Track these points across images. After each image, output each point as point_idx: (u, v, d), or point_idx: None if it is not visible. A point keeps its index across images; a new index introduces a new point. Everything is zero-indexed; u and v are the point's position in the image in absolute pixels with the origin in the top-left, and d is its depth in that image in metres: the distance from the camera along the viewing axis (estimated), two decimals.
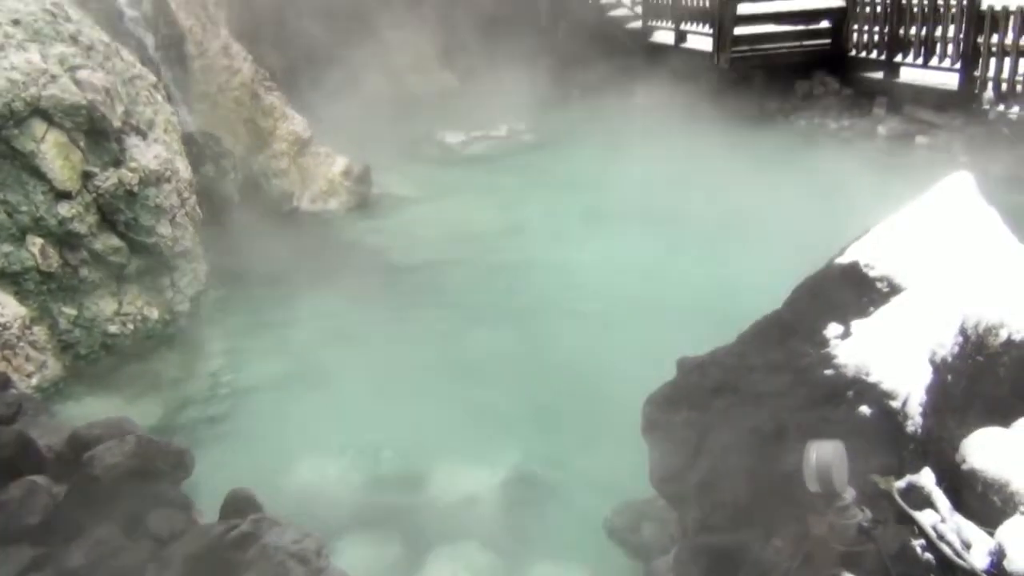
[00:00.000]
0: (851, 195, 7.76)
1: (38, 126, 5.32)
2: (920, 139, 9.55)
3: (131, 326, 5.79)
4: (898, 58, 10.14)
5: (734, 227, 7.57)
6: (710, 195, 8.56)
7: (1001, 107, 8.89)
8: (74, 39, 5.77)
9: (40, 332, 5.30)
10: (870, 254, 3.46)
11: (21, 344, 5.10)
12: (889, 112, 10.13)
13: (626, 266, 6.97)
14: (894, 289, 3.28)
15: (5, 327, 5.06)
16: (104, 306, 5.72)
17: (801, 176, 8.61)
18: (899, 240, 3.44)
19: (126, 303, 5.83)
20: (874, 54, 10.52)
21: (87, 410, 5.05)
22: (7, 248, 5.23)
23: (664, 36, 11.96)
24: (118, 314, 5.76)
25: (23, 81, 5.23)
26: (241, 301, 6.62)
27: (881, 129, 9.98)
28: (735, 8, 10.55)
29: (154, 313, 5.97)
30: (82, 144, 5.54)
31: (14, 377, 5.00)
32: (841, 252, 3.63)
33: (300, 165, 8.83)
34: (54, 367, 5.34)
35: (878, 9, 10.40)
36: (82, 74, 5.57)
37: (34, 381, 5.16)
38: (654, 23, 12.16)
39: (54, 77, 5.38)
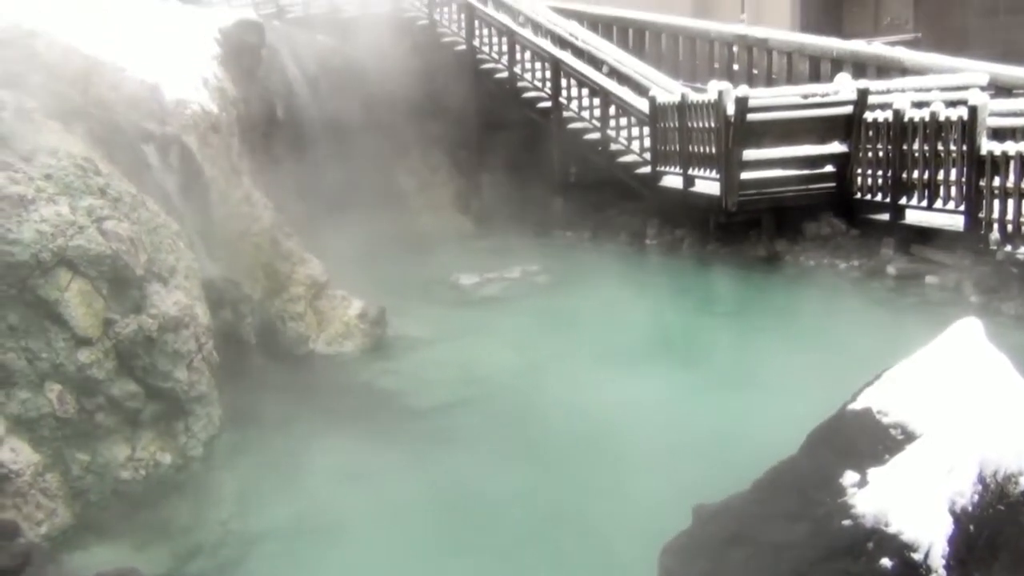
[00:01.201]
0: (863, 336, 7.79)
1: (63, 275, 5.47)
2: (930, 279, 9.63)
3: (143, 472, 5.76)
4: (903, 200, 10.34)
5: (747, 369, 7.58)
6: (722, 337, 8.61)
7: (1008, 248, 8.99)
8: (103, 191, 6.00)
9: (52, 479, 5.28)
10: (883, 401, 3.47)
11: (32, 492, 5.08)
12: (897, 252, 10.27)
13: (639, 408, 6.94)
14: (908, 436, 3.27)
15: (17, 474, 5.05)
16: (117, 451, 5.71)
17: (813, 317, 8.68)
18: (911, 387, 3.45)
19: (139, 448, 5.83)
20: (879, 197, 10.75)
21: (96, 559, 4.98)
22: (25, 395, 5.28)
23: (673, 180, 12.29)
24: (131, 460, 5.75)
25: (51, 233, 5.42)
26: (255, 445, 6.60)
27: (890, 269, 10.09)
28: (741, 154, 10.87)
29: (167, 458, 5.95)
30: (105, 292, 5.68)
31: (23, 525, 4.96)
32: (854, 398, 3.64)
33: (316, 308, 8.97)
34: (64, 515, 5.29)
35: (880, 154, 10.71)
36: (108, 225, 5.76)
37: (43, 529, 5.11)
38: (663, 168, 12.52)
39: (81, 228, 5.57)
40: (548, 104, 14.54)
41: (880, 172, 10.74)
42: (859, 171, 11.06)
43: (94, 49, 8.40)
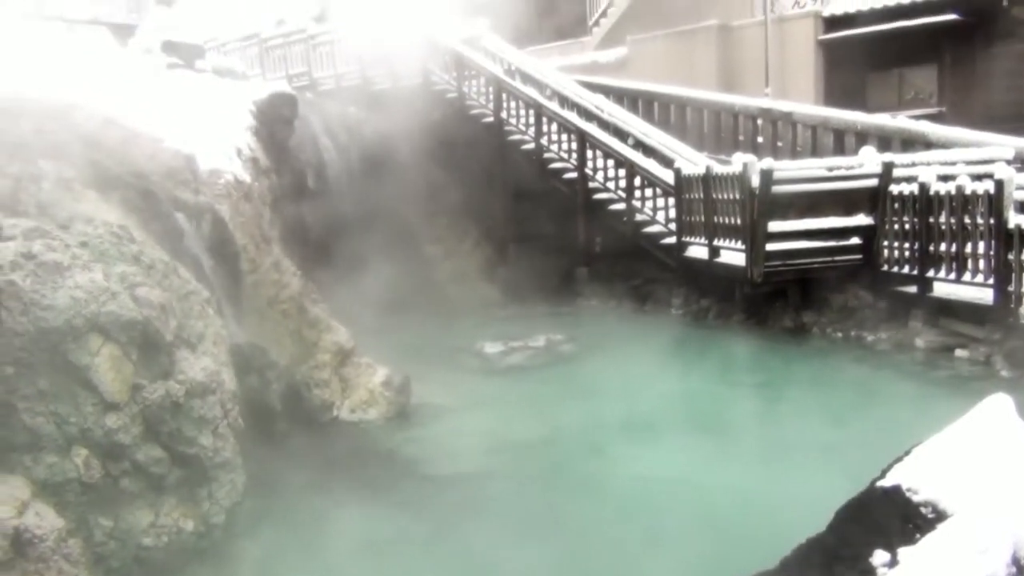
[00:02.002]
0: (892, 410, 7.69)
1: (95, 340, 5.55)
2: (959, 352, 9.53)
3: (165, 538, 5.74)
4: (930, 273, 10.28)
5: (774, 443, 7.48)
6: (749, 408, 8.52)
7: None
8: (136, 259, 6.12)
9: (75, 544, 5.27)
10: (913, 478, 3.41)
11: (55, 557, 5.07)
12: (926, 325, 10.18)
13: (663, 480, 6.87)
14: (939, 515, 3.21)
15: (41, 539, 5.05)
16: (140, 517, 5.70)
17: (841, 390, 8.58)
18: (942, 464, 3.40)
19: (162, 514, 5.82)
20: (906, 269, 10.69)
21: None
22: (52, 459, 5.31)
23: (698, 251, 12.33)
24: (153, 526, 5.73)
25: (85, 299, 5.51)
26: (277, 513, 6.57)
27: (919, 342, 10.00)
28: (766, 226, 10.90)
29: (189, 525, 5.93)
30: (134, 357, 5.74)
31: None
32: (883, 474, 3.59)
33: (342, 375, 9.00)
34: None
35: (906, 227, 10.68)
36: (140, 291, 5.86)
37: None
38: (688, 239, 12.57)
39: (114, 295, 5.67)
40: (574, 175, 14.72)
41: (907, 245, 10.70)
42: (885, 243, 11.03)
43: (133, 120, 8.67)
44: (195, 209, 7.96)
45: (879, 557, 3.19)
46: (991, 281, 9.48)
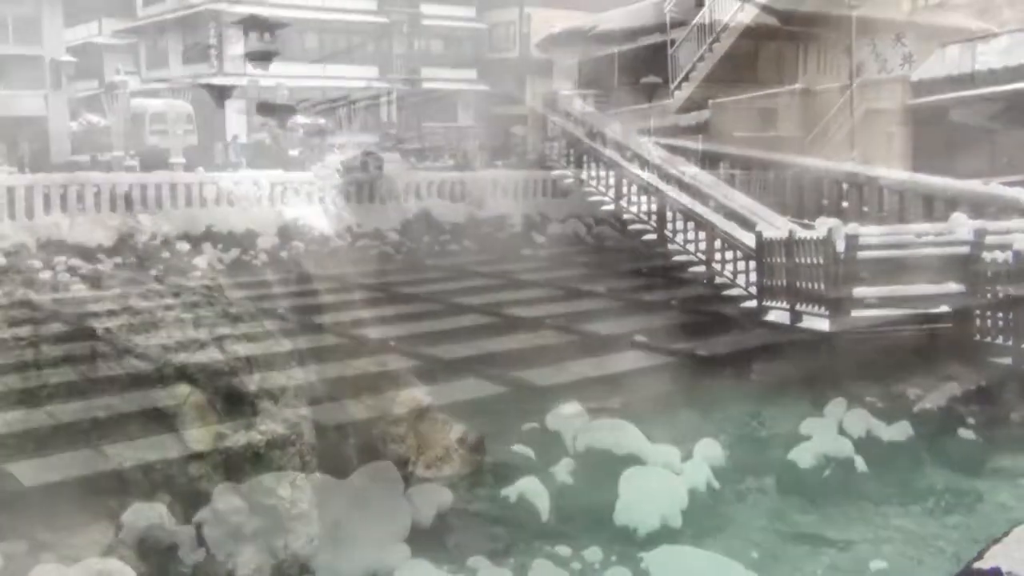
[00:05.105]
0: (987, 487, 7.36)
1: (183, 389, 5.71)
2: None
3: None
4: None
5: (859, 519, 7.20)
6: (833, 482, 8.23)
7: None
8: (225, 311, 6.31)
9: None
10: (1013, 560, 3.24)
11: None
12: (1022, 399, 9.75)
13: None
14: None
15: None
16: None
17: (930, 465, 8.25)
18: None
19: (240, 564, 5.87)
20: (1000, 339, 10.30)
21: None
22: (138, 504, 5.44)
23: (779, 315, 12.10)
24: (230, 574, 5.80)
25: (175, 348, 5.70)
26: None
27: (1015, 416, 9.58)
28: (851, 292, 10.66)
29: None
30: (219, 407, 5.89)
31: None
32: (980, 556, 3.42)
33: (418, 431, 9.00)
34: None
35: (1000, 296, 10.32)
36: (228, 343, 6.02)
37: None
38: (769, 303, 12.36)
39: (203, 345, 5.85)
40: (653, 236, 14.68)
41: (1000, 315, 10.32)
42: (977, 313, 10.65)
43: (224, 179, 8.98)
44: (282, 263, 8.18)
45: None
46: None
